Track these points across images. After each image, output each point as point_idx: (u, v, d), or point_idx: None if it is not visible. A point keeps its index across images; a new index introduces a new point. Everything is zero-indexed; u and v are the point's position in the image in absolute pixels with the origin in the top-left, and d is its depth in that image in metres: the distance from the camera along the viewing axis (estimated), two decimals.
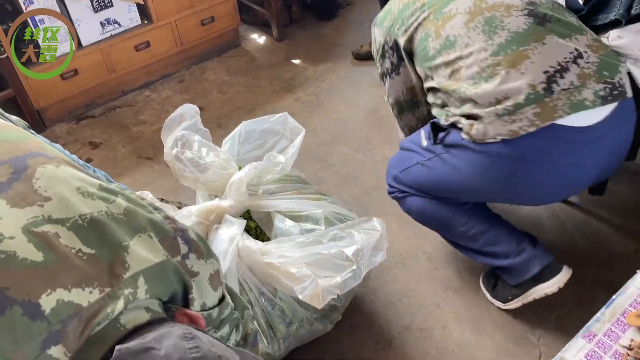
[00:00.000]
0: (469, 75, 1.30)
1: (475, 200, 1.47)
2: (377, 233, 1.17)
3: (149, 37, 2.55)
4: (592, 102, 1.22)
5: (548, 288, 1.41)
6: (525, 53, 1.25)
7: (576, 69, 1.24)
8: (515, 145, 1.24)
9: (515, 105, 1.22)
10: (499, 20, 1.30)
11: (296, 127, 1.59)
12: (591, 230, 1.77)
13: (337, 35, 3.03)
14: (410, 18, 1.45)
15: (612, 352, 0.85)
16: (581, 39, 1.29)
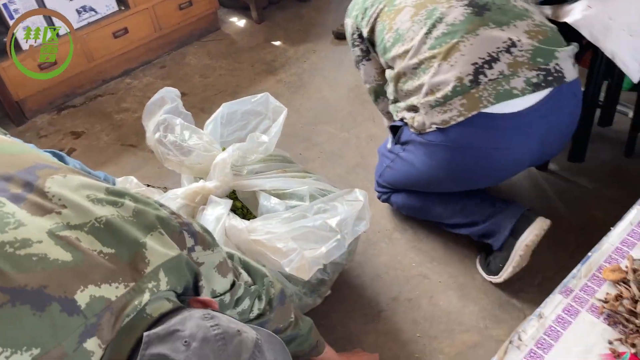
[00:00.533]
0: (410, 68, 1.39)
1: (439, 190, 1.58)
2: (359, 203, 1.19)
3: (126, 23, 2.52)
4: (522, 90, 1.29)
5: (527, 238, 1.45)
6: (457, 45, 1.32)
7: (508, 58, 1.30)
8: (448, 134, 1.34)
9: (444, 97, 1.31)
10: (439, 13, 1.37)
11: (278, 106, 1.60)
12: (572, 197, 1.81)
13: (316, 16, 3.01)
14: (370, 9, 1.53)
15: (589, 305, 0.89)
16: (520, 25, 1.34)
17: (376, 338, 1.49)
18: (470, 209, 1.56)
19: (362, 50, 1.68)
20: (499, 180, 1.54)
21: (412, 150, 1.48)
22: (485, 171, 1.43)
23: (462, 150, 1.37)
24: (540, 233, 1.46)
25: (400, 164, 1.55)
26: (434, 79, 1.33)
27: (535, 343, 0.83)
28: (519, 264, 1.47)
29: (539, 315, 0.88)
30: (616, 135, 1.97)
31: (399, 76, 1.45)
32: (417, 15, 1.39)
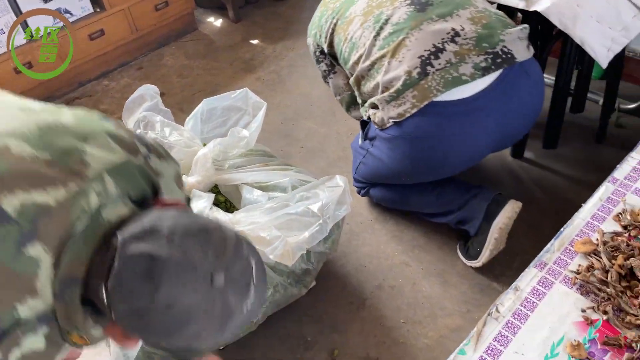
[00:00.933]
0: (366, 71, 1.45)
1: (412, 181, 1.62)
2: (339, 189, 1.22)
3: (102, 25, 2.51)
4: (471, 75, 1.34)
5: (500, 221, 1.49)
6: (403, 42, 1.39)
7: (453, 47, 1.36)
8: (405, 126, 1.40)
9: (397, 91, 1.37)
10: (385, 15, 1.44)
11: (258, 102, 1.62)
12: (547, 183, 1.86)
13: (293, 14, 3.03)
14: (325, 25, 1.62)
15: (562, 277, 0.92)
16: (463, 14, 1.41)
17: (362, 326, 1.52)
18: (445, 198, 1.61)
19: (327, 65, 1.76)
20: (464, 166, 1.56)
21: (378, 145, 1.53)
22: (447, 158, 1.46)
23: (420, 140, 1.41)
24: (512, 215, 1.50)
25: (370, 160, 1.60)
26: (386, 77, 1.40)
27: (512, 314, 0.87)
28: (496, 246, 1.51)
29: (515, 288, 0.91)
30: (588, 123, 2.04)
31: (358, 80, 1.52)
32: (366, 22, 1.47)
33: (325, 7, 1.65)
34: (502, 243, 1.54)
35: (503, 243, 1.54)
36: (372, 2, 1.50)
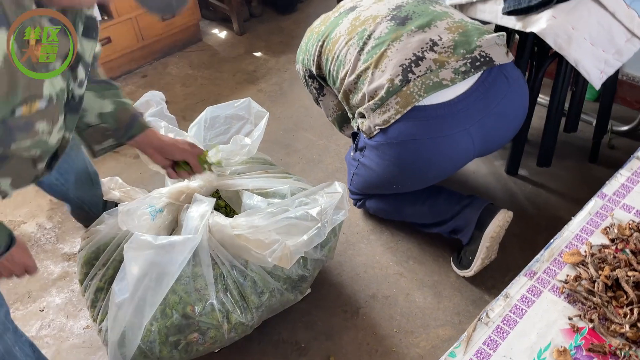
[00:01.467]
0: (352, 84, 1.52)
1: (404, 189, 1.65)
2: (338, 194, 1.25)
3: (109, 32, 2.56)
4: (451, 80, 1.41)
5: (492, 230, 1.53)
6: (385, 53, 1.46)
7: (432, 55, 1.43)
8: (389, 132, 1.45)
9: (381, 99, 1.44)
10: (368, 32, 1.52)
11: (260, 111, 1.66)
12: (540, 200, 1.90)
13: (296, 28, 3.09)
14: (312, 48, 1.69)
15: (551, 286, 0.96)
16: (440, 24, 1.48)
17: (356, 333, 1.54)
18: (437, 208, 1.64)
19: (316, 88, 1.82)
20: (449, 169, 1.59)
21: (367, 154, 1.58)
22: (431, 161, 1.49)
23: (404, 145, 1.45)
24: (503, 224, 1.54)
25: (362, 170, 1.64)
26: (371, 86, 1.46)
27: (502, 320, 0.90)
28: (487, 255, 1.55)
29: (505, 295, 0.94)
30: (581, 143, 2.09)
31: (346, 95, 1.58)
32: (351, 39, 1.54)
33: (311, 33, 1.73)
34: (494, 253, 1.57)
35: (495, 253, 1.58)
36: (356, 21, 1.57)
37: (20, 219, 2.02)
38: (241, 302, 1.35)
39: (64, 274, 1.80)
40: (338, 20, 1.63)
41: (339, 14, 1.65)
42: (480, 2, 1.64)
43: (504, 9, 1.55)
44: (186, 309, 1.29)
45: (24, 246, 1.20)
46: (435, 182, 1.64)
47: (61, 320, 1.66)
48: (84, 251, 1.47)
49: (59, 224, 1.99)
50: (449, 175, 1.65)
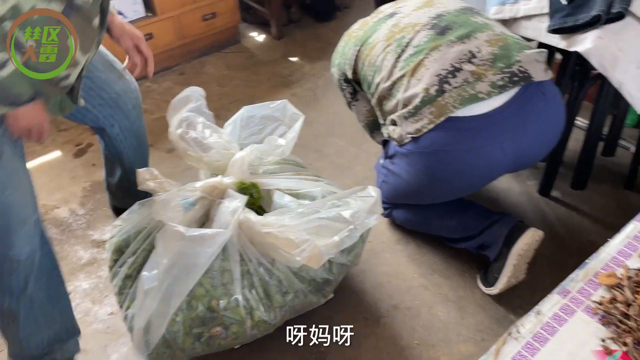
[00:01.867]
0: (387, 90, 1.52)
1: (432, 200, 1.65)
2: (372, 199, 1.25)
3: (152, 29, 2.63)
4: (487, 93, 1.39)
5: (520, 247, 1.50)
6: (422, 62, 1.46)
7: (470, 67, 1.42)
8: (421, 141, 1.44)
9: (415, 107, 1.43)
10: (407, 39, 1.52)
11: (295, 113, 1.67)
12: (572, 223, 1.87)
13: (333, 36, 3.11)
14: (349, 53, 1.69)
15: (584, 307, 0.94)
16: (480, 36, 1.47)
17: (376, 342, 1.53)
18: (466, 223, 1.63)
19: (350, 92, 1.83)
20: (480, 182, 1.58)
21: (397, 162, 1.58)
22: (462, 172, 1.48)
23: (436, 154, 1.45)
24: (532, 242, 1.50)
25: (391, 178, 1.63)
26: (406, 94, 1.46)
27: (533, 336, 0.88)
28: (514, 274, 1.52)
29: (536, 312, 0.93)
30: (618, 168, 2.04)
31: (380, 100, 1.58)
32: (389, 46, 1.55)
33: (348, 37, 1.74)
34: (522, 273, 1.55)
35: (522, 273, 1.55)
36: (395, 28, 1.57)
37: (53, 204, 2.07)
38: (265, 300, 1.35)
39: (92, 260, 1.84)
40: (377, 25, 1.63)
41: (378, 19, 1.66)
42: (524, 18, 1.63)
43: (549, 27, 1.54)
44: (211, 303, 1.30)
45: (44, 109, 1.25)
46: (465, 195, 1.63)
47: (87, 305, 1.69)
48: (115, 238, 1.49)
49: (91, 211, 2.03)
50: (478, 188, 1.64)
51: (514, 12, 1.64)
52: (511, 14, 1.65)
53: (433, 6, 1.60)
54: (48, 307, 1.37)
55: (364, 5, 3.38)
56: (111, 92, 1.56)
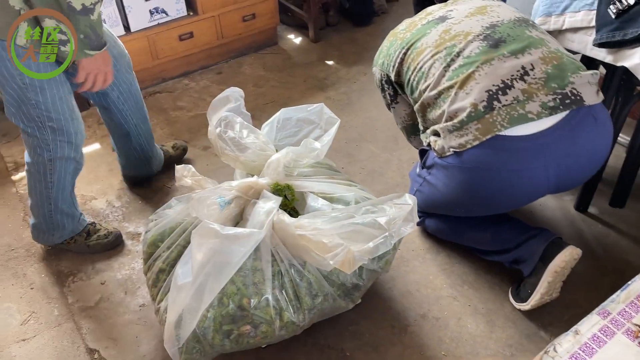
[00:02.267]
0: (432, 99, 1.49)
1: (466, 214, 1.62)
2: (408, 206, 1.24)
3: (192, 28, 2.67)
4: (537, 114, 1.35)
5: (557, 264, 1.46)
6: (472, 75, 1.41)
7: (522, 85, 1.38)
8: (464, 156, 1.41)
9: (460, 122, 1.40)
10: (458, 48, 1.48)
11: (332, 117, 1.68)
12: (609, 241, 1.82)
13: (370, 41, 3.12)
14: (394, 54, 1.65)
15: (625, 329, 0.92)
16: (535, 53, 1.42)
17: (402, 350, 1.53)
18: (501, 237, 1.60)
19: (390, 94, 1.80)
20: (519, 203, 1.55)
21: (435, 173, 1.55)
22: (502, 192, 1.45)
23: (477, 172, 1.42)
24: (569, 260, 1.46)
25: (427, 188, 1.61)
26: (452, 107, 1.42)
27: (570, 356, 0.87)
28: (548, 291, 1.49)
29: (575, 332, 0.91)
30: None
31: (424, 107, 1.55)
32: (438, 53, 1.51)
33: (394, 37, 1.69)
34: (556, 291, 1.52)
35: (557, 291, 1.52)
36: (445, 34, 1.52)
37: (91, 195, 2.13)
38: (295, 302, 1.36)
39: (126, 251, 1.88)
40: (426, 29, 1.58)
41: (427, 22, 1.61)
42: (570, 30, 1.60)
43: (595, 41, 1.51)
44: (242, 301, 1.32)
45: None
46: (502, 212, 1.60)
47: (120, 295, 1.73)
48: (151, 232, 1.53)
49: (127, 204, 2.08)
50: (517, 208, 1.61)
51: (560, 24, 1.61)
52: (556, 26, 1.62)
53: (486, 14, 1.54)
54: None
55: (401, 11, 3.37)
56: (110, 56, 1.68)
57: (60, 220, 1.77)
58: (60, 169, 1.67)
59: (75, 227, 1.83)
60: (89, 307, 1.70)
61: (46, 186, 1.69)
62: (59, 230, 1.79)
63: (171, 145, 2.25)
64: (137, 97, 1.90)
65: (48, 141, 1.58)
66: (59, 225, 1.78)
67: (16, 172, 2.25)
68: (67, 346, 1.59)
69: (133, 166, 2.08)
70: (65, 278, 1.80)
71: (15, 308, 1.70)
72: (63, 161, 1.66)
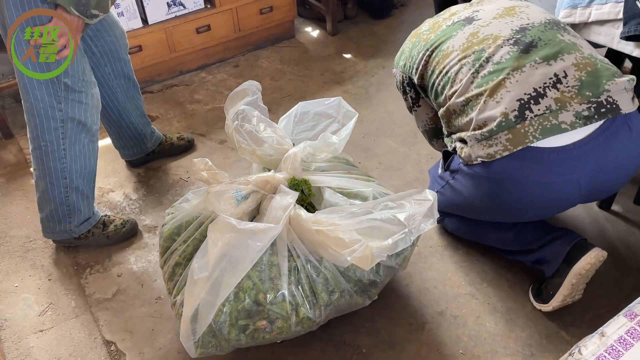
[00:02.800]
0: (459, 106, 1.42)
1: (489, 219, 1.58)
2: (428, 202, 1.22)
3: (210, 21, 2.67)
4: (571, 124, 1.29)
5: (581, 266, 1.42)
6: (503, 82, 1.34)
7: (555, 93, 1.31)
8: (493, 166, 1.35)
9: (489, 131, 1.33)
10: (487, 53, 1.40)
11: (349, 111, 1.66)
12: (633, 240, 1.78)
13: (388, 34, 3.08)
14: (417, 57, 1.58)
15: None
16: (568, 58, 1.35)
17: (419, 347, 1.51)
18: (524, 238, 1.56)
19: (412, 97, 1.74)
20: (548, 214, 1.50)
21: (460, 179, 1.50)
22: (532, 204, 1.40)
23: (506, 183, 1.36)
24: (594, 263, 1.42)
25: (449, 191, 1.57)
26: (481, 115, 1.36)
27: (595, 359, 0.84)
28: (570, 293, 1.46)
29: (601, 334, 0.88)
30: None
31: (449, 113, 1.48)
32: (466, 58, 1.43)
33: (417, 38, 1.61)
34: (579, 293, 1.48)
35: (579, 293, 1.48)
36: (473, 38, 1.45)
37: (109, 187, 2.14)
38: (311, 298, 1.35)
39: (143, 244, 1.88)
40: (451, 31, 1.51)
41: (452, 23, 1.53)
42: (597, 23, 1.56)
43: (623, 33, 1.46)
44: (258, 296, 1.31)
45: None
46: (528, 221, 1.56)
47: (136, 287, 1.73)
48: (167, 226, 1.53)
49: (144, 196, 2.09)
50: (545, 217, 1.56)
51: (586, 17, 1.56)
52: (582, 19, 1.58)
53: (515, 15, 1.47)
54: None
55: (420, 3, 3.32)
56: (112, 35, 1.81)
57: (76, 202, 1.75)
58: (71, 135, 1.65)
59: (90, 213, 1.83)
60: (106, 299, 1.71)
61: (59, 157, 1.66)
62: (75, 215, 1.77)
63: (177, 136, 2.29)
64: (129, 76, 1.97)
65: (60, 99, 1.58)
66: (74, 208, 1.76)
67: None
68: (84, 337, 1.60)
69: (128, 147, 2.14)
70: (82, 270, 1.81)
71: (34, 299, 1.72)
72: (74, 124, 1.65)
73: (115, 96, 1.95)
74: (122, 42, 1.88)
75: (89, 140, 1.72)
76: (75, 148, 1.68)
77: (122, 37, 1.87)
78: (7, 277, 1.80)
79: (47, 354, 1.56)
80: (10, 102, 2.64)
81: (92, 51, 1.79)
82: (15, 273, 1.81)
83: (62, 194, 1.72)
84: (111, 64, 1.86)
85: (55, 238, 1.84)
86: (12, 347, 1.58)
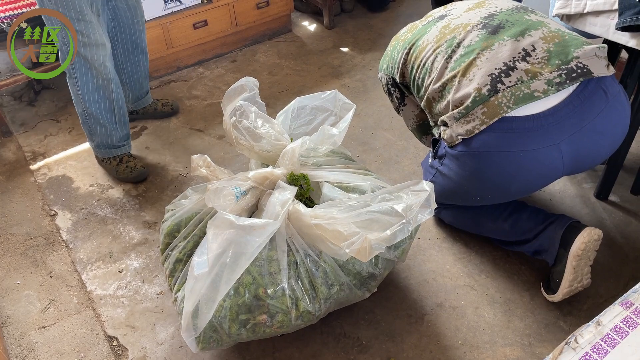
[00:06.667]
0: (437, 92, 1.48)
1: (482, 202, 1.59)
2: (425, 193, 1.23)
3: (207, 16, 2.66)
4: (544, 91, 1.32)
5: (577, 247, 1.43)
6: (474, 61, 1.40)
7: (525, 65, 1.35)
8: (472, 142, 1.39)
9: (466, 108, 1.38)
10: (458, 40, 1.47)
11: (346, 103, 1.66)
12: (630, 229, 1.79)
13: (385, 27, 3.08)
14: (397, 56, 1.65)
15: None
16: (535, 33, 1.40)
17: (419, 339, 1.52)
18: (520, 226, 1.58)
19: (397, 97, 1.79)
20: (535, 185, 1.51)
21: (447, 163, 1.53)
22: (516, 176, 1.42)
23: (487, 156, 1.39)
24: (590, 241, 1.43)
25: (440, 179, 1.59)
26: (457, 95, 1.41)
27: (592, 347, 0.85)
28: (575, 277, 1.47)
29: (596, 322, 0.90)
30: None
31: (429, 102, 1.53)
32: (439, 47, 1.49)
33: (396, 41, 1.69)
34: (585, 277, 1.49)
35: (586, 278, 1.49)
36: (445, 29, 1.52)
37: (108, 184, 2.15)
38: (311, 291, 1.36)
39: (143, 240, 1.89)
40: (426, 28, 1.58)
41: (427, 22, 1.61)
42: (592, 14, 1.56)
43: (618, 24, 1.46)
44: (258, 290, 1.32)
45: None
46: (518, 198, 1.57)
47: (137, 283, 1.75)
48: (168, 222, 1.54)
49: (144, 192, 2.09)
50: (533, 192, 1.58)
51: (581, 8, 1.57)
52: (577, 9, 1.58)
53: (484, 6, 1.54)
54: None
55: None
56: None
57: (93, 127, 2.04)
58: (80, 67, 1.85)
59: (110, 142, 2.09)
60: (108, 295, 1.72)
61: (75, 83, 1.91)
62: (94, 137, 2.09)
63: (162, 102, 2.46)
64: (135, 45, 2.16)
65: (75, 34, 1.72)
66: (92, 131, 2.07)
67: (34, 161, 2.28)
68: (87, 333, 1.61)
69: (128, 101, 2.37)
70: (83, 266, 1.82)
71: (36, 296, 1.74)
72: (82, 61, 1.83)
73: (115, 57, 2.13)
74: (139, 10, 2.09)
75: (99, 78, 1.91)
76: (83, 78, 1.89)
77: (138, 7, 2.08)
78: (9, 275, 1.81)
79: (50, 350, 1.58)
80: (9, 100, 2.64)
81: (109, 9, 1.99)
82: (17, 270, 1.82)
83: (82, 115, 2.02)
84: (120, 24, 2.05)
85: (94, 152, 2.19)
86: (15, 343, 1.60)
